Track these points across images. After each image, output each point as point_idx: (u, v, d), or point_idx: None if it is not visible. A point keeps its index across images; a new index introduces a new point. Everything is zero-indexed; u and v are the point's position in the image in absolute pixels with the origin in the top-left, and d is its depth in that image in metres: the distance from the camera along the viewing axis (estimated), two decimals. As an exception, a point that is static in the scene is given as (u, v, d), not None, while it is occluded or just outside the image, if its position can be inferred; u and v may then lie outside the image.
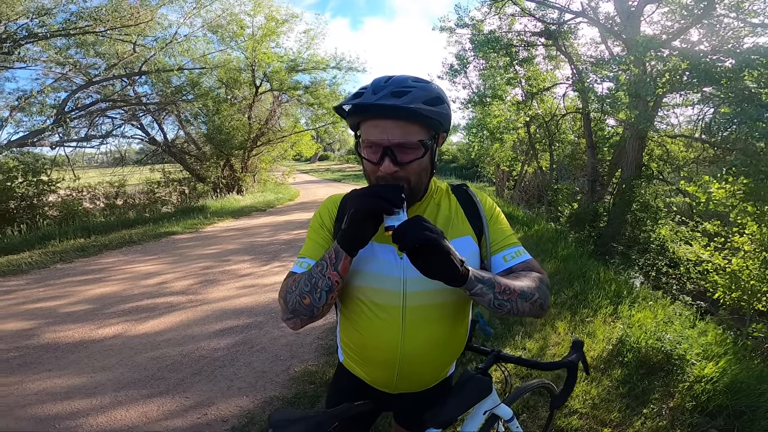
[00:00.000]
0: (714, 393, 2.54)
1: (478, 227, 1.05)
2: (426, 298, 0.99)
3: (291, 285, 0.96)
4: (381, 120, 0.88)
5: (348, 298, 1.03)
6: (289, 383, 2.80)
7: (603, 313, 3.86)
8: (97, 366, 3.03)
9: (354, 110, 0.89)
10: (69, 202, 10.97)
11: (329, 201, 1.11)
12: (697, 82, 5.55)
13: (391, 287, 0.98)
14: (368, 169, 0.94)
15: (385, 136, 0.88)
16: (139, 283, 4.88)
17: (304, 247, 1.06)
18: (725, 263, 6.04)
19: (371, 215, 0.84)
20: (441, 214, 1.04)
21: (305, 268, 0.99)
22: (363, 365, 1.10)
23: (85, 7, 9.04)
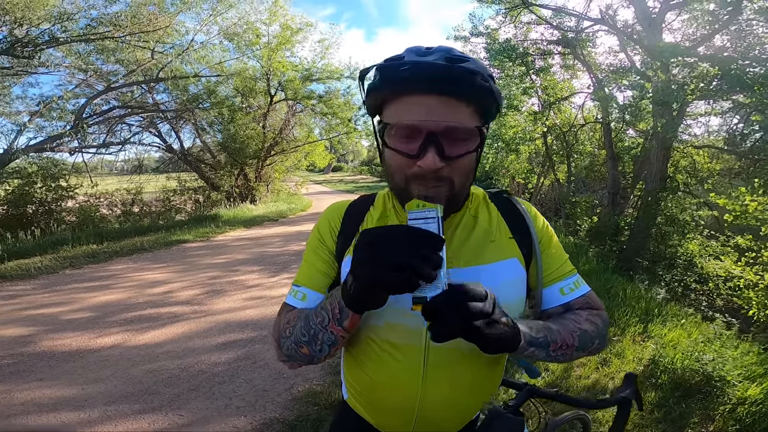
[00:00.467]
0: (760, 416, 2.31)
1: (527, 247, 0.82)
2: (456, 343, 0.73)
3: (285, 327, 0.78)
4: (425, 96, 0.65)
5: (355, 336, 0.81)
6: (291, 404, 2.59)
7: (632, 332, 3.60)
8: (90, 377, 2.89)
9: (397, 78, 0.65)
10: (86, 208, 11.08)
11: (331, 211, 0.88)
12: (727, 89, 5.26)
13: (411, 323, 0.75)
14: (398, 165, 0.69)
15: (435, 116, 0.65)
16: (144, 291, 4.76)
17: (300, 271, 0.85)
18: (758, 279, 5.69)
19: (384, 289, 0.58)
20: (478, 228, 0.80)
21: (300, 299, 0.81)
22: (372, 410, 0.87)
23: (105, 13, 9.20)
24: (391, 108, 0.69)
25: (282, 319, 0.80)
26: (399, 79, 0.65)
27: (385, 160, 0.72)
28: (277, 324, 0.81)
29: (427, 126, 0.65)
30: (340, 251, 0.82)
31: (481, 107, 0.69)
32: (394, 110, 0.68)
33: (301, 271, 0.85)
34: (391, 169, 0.71)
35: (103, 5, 9.18)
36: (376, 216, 0.83)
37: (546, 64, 11.58)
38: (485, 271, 0.76)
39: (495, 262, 0.78)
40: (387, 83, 0.67)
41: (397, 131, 0.68)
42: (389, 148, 0.69)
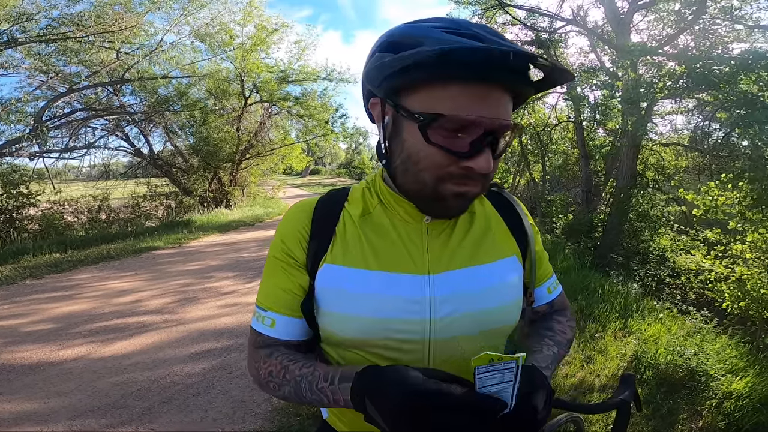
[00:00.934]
0: (747, 410, 2.34)
1: (523, 245, 0.76)
2: (461, 348, 0.67)
3: (266, 379, 0.67)
4: (487, 86, 0.55)
5: (344, 351, 0.69)
6: (271, 415, 2.46)
7: (613, 328, 3.62)
8: (52, 391, 2.69)
9: (466, 61, 0.53)
10: (49, 215, 10.54)
11: (295, 213, 0.73)
12: (694, 87, 5.44)
13: (412, 336, 0.65)
14: (435, 163, 0.58)
15: (494, 112, 0.56)
16: (111, 301, 4.51)
17: (264, 291, 0.71)
18: (728, 272, 5.89)
19: None
20: (476, 225, 0.72)
21: (269, 325, 0.69)
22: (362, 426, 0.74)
23: (68, 13, 8.77)
24: (435, 92, 0.56)
25: (259, 363, 0.69)
26: (471, 63, 0.53)
27: (410, 154, 0.60)
28: (253, 365, 0.70)
29: (489, 124, 0.56)
30: (313, 260, 0.68)
31: (516, 100, 0.61)
32: (440, 98, 0.56)
33: (264, 291, 0.71)
34: (417, 165, 0.60)
35: (66, 5, 8.77)
36: (356, 213, 0.70)
37: (520, 64, 11.80)
38: (485, 270, 0.69)
39: (495, 261, 0.71)
40: (450, 64, 0.53)
41: (448, 124, 0.56)
42: (431, 144, 0.57)
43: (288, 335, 0.70)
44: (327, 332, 0.68)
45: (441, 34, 0.54)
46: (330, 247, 0.68)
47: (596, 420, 2.31)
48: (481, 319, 0.67)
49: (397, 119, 0.61)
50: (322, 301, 0.67)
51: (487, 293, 0.67)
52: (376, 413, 0.52)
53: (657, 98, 5.99)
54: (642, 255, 8.09)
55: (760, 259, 5.47)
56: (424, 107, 0.57)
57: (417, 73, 0.55)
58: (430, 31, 0.55)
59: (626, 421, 1.00)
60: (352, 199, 0.73)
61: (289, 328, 0.69)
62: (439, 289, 0.65)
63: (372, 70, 0.60)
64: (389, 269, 0.66)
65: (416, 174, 0.61)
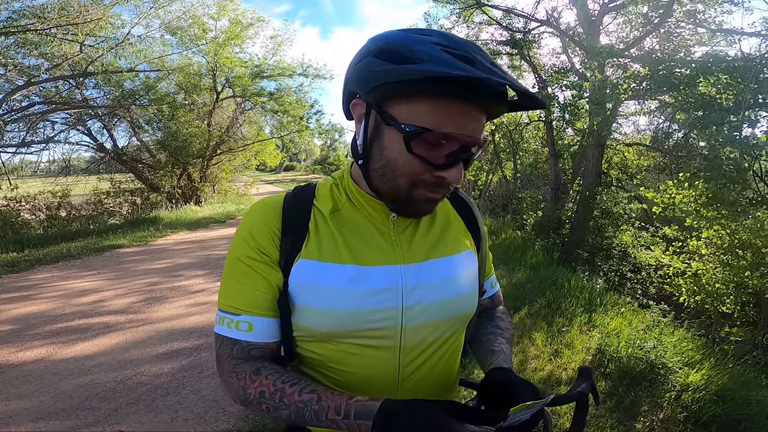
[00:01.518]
0: (704, 402, 2.44)
1: (477, 241, 0.82)
2: (426, 333, 0.71)
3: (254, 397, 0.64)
4: (469, 106, 0.59)
5: (316, 341, 0.70)
6: (245, 414, 2.43)
7: (578, 322, 3.75)
8: (12, 393, 2.59)
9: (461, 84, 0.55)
10: (5, 212, 9.98)
11: (262, 211, 0.72)
12: (655, 89, 5.69)
13: (386, 324, 0.68)
14: (412, 171, 0.62)
15: (473, 130, 0.60)
16: (71, 301, 4.32)
17: (233, 292, 0.69)
18: (685, 267, 6.18)
19: None
20: (437, 222, 0.77)
21: (246, 330, 0.67)
22: None
23: (30, 5, 8.27)
24: (423, 106, 0.58)
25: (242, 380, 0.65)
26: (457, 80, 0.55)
27: (390, 160, 0.63)
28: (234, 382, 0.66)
29: (466, 140, 0.60)
30: (287, 256, 0.68)
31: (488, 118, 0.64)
32: (429, 110, 0.58)
33: (233, 292, 0.68)
34: (395, 170, 0.63)
35: (27, -4, 8.27)
36: (326, 210, 0.71)
37: (495, 63, 12.01)
38: (447, 262, 0.73)
39: (455, 254, 0.75)
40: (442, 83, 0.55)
41: (431, 138, 0.59)
42: (413, 153, 0.60)
43: (268, 337, 0.69)
44: (303, 328, 0.68)
45: (441, 53, 0.55)
46: (304, 244, 0.68)
47: (563, 413, 2.39)
48: (446, 307, 0.71)
49: (380, 125, 0.63)
50: (297, 297, 0.67)
51: (449, 282, 0.72)
52: None
53: (621, 99, 6.24)
54: (606, 251, 8.41)
55: (714, 255, 5.77)
56: (408, 118, 0.59)
57: (412, 87, 0.57)
58: (431, 48, 0.56)
59: (585, 413, 1.04)
60: (320, 195, 0.73)
61: (269, 329, 0.68)
62: (409, 279, 0.69)
63: (364, 73, 0.61)
64: (362, 263, 0.68)
65: (393, 179, 0.64)
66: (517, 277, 5.17)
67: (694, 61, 5.46)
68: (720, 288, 5.06)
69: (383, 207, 0.70)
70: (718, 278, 5.14)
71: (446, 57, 0.55)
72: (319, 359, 0.71)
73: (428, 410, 0.55)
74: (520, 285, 4.86)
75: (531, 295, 4.47)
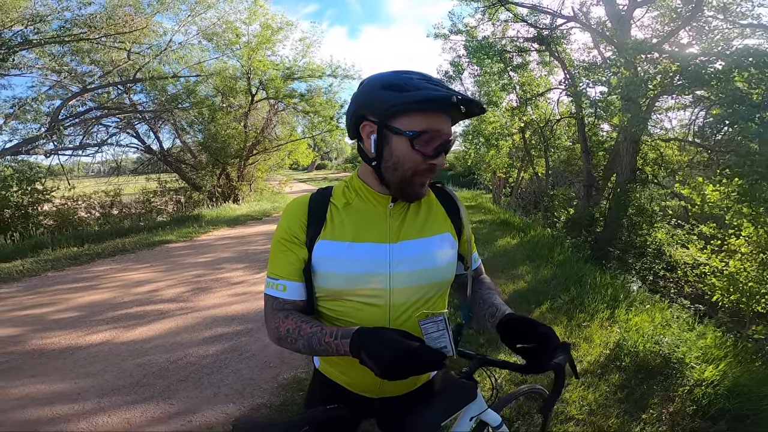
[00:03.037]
0: (715, 397, 2.48)
1: (458, 226, 1.08)
2: (412, 294, 0.97)
3: (284, 335, 0.92)
4: (444, 115, 0.90)
5: (331, 299, 0.98)
6: (277, 390, 2.73)
7: (600, 318, 3.81)
8: (81, 372, 2.97)
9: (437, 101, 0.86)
10: (64, 211, 10.89)
11: (295, 207, 1.01)
12: (687, 85, 5.56)
13: (378, 284, 0.95)
14: (414, 164, 0.90)
15: (447, 130, 0.91)
16: (129, 290, 4.81)
17: (275, 264, 0.98)
18: (722, 266, 5.98)
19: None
20: (422, 210, 1.04)
21: (281, 290, 0.95)
22: (345, 368, 1.05)
23: (79, 15, 9.08)
24: (418, 118, 0.88)
25: (278, 323, 0.93)
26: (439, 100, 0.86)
27: (398, 157, 0.90)
28: (273, 325, 0.95)
29: (446, 136, 0.91)
30: (311, 239, 0.96)
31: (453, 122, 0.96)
32: (423, 120, 0.88)
33: (275, 264, 0.98)
34: (403, 164, 0.91)
35: (77, 6, 9.06)
36: (340, 204, 0.99)
37: (523, 60, 11.86)
38: (428, 241, 1.00)
39: (435, 235, 1.01)
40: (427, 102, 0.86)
41: (427, 137, 0.88)
42: (415, 150, 0.88)
43: (296, 296, 0.96)
44: (320, 288, 0.96)
45: (427, 84, 0.88)
46: (324, 229, 0.96)
47: (572, 401, 2.52)
48: (425, 275, 0.97)
49: (386, 135, 0.90)
50: (316, 266, 0.95)
51: (429, 256, 0.98)
52: (370, 361, 0.78)
53: (649, 95, 6.12)
54: (639, 249, 8.23)
55: (753, 254, 5.57)
56: (409, 127, 0.88)
57: (413, 105, 0.86)
58: (418, 82, 0.89)
59: (562, 382, 1.23)
60: (335, 194, 1.02)
61: (297, 290, 0.96)
62: (396, 254, 0.96)
63: (379, 101, 0.89)
64: (364, 240, 0.95)
65: (402, 171, 0.91)
66: (542, 274, 5.25)
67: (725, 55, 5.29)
68: (753, 287, 4.92)
69: (384, 199, 0.98)
70: (752, 277, 4.99)
71: (429, 86, 0.88)
72: (332, 314, 0.98)
73: (388, 330, 0.81)
74: (545, 281, 4.94)
75: (555, 290, 4.55)
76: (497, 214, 11.02)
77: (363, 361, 0.80)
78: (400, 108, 0.86)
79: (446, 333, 0.85)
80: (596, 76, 8.40)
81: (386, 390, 1.05)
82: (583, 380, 2.81)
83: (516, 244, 7.24)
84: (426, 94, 0.85)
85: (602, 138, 11.01)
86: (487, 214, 11.18)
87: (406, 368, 0.77)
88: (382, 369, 0.77)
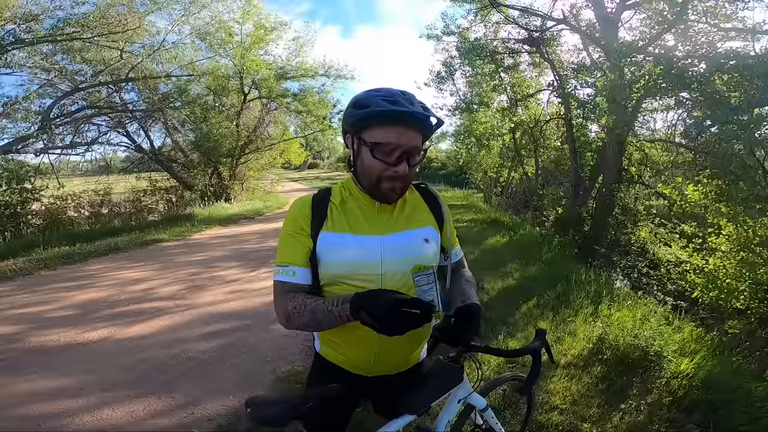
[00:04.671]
0: (690, 388, 2.61)
1: (440, 221, 1.23)
2: (401, 279, 1.10)
3: (293, 312, 1.03)
4: (408, 128, 1.02)
5: (332, 284, 1.10)
6: (275, 383, 2.84)
7: (584, 313, 3.94)
8: (83, 368, 3.04)
9: (392, 115, 0.99)
10: (53, 210, 10.82)
11: (300, 204, 1.17)
12: (670, 87, 5.75)
13: (371, 270, 1.08)
14: (377, 171, 1.04)
15: (408, 141, 1.03)
16: (125, 288, 4.86)
17: (283, 253, 1.12)
18: (703, 263, 6.18)
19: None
20: (407, 207, 1.19)
21: (291, 276, 1.08)
22: (342, 347, 1.17)
23: (72, 14, 9.05)
24: (376, 130, 1.02)
25: (286, 302, 1.05)
26: (394, 114, 1.00)
27: (364, 165, 1.06)
28: (282, 305, 1.06)
29: (404, 147, 1.03)
30: (315, 231, 1.11)
31: (424, 134, 1.07)
32: (380, 132, 1.02)
33: (285, 253, 1.11)
34: (368, 171, 1.05)
35: (71, 6, 9.03)
36: (337, 202, 1.14)
37: (515, 61, 12.04)
38: (413, 233, 1.15)
39: (418, 228, 1.17)
40: (383, 116, 1.00)
41: (384, 147, 1.02)
42: (375, 158, 1.03)
43: (304, 280, 1.09)
44: (324, 275, 1.11)
45: (380, 101, 1.01)
46: (325, 223, 1.11)
47: (556, 392, 2.66)
48: (411, 262, 1.09)
49: (359, 146, 1.06)
50: (321, 254, 1.10)
51: (414, 246, 1.14)
52: (369, 318, 0.90)
53: (633, 97, 6.30)
54: (624, 247, 8.44)
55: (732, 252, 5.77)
56: (371, 138, 1.02)
57: (368, 121, 1.02)
58: (375, 99, 1.02)
59: (539, 366, 1.37)
60: (334, 194, 1.17)
61: (305, 275, 1.09)
62: (385, 244, 1.10)
63: (349, 117, 1.06)
64: (359, 233, 1.10)
65: (369, 177, 1.06)
66: (530, 271, 5.41)
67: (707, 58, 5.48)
68: (731, 284, 5.12)
69: (371, 199, 1.13)
70: (731, 274, 5.19)
71: (382, 102, 1.01)
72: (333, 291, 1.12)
73: (382, 290, 0.95)
74: (533, 278, 5.09)
75: (542, 287, 4.69)
76: (488, 213, 11.20)
77: (363, 320, 0.92)
78: (358, 122, 1.03)
79: (435, 287, 0.99)
80: (584, 78, 8.59)
81: (380, 368, 1.17)
82: (567, 372, 2.94)
83: (506, 242, 7.40)
84: (374, 110, 0.99)
85: (590, 139, 11.22)
86: (477, 213, 11.34)
87: (401, 319, 0.89)
88: (381, 322, 0.89)
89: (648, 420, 2.43)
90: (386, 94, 1.04)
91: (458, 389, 1.31)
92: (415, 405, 1.14)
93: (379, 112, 0.99)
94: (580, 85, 8.89)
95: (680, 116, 9.79)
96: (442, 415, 1.32)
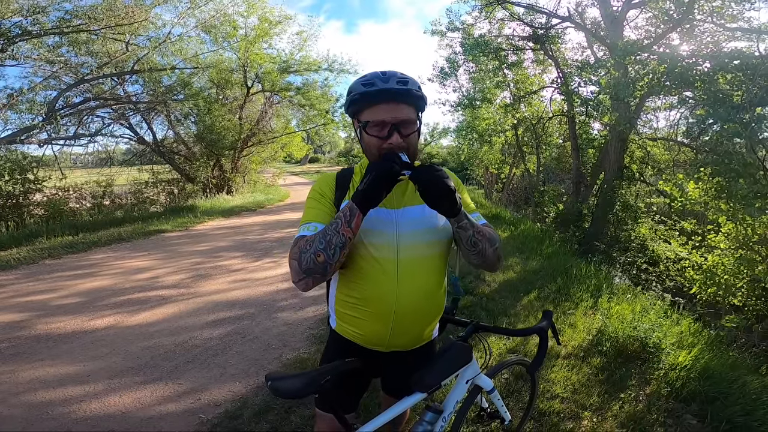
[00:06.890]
0: (688, 380, 2.66)
1: None
2: (415, 251, 1.15)
3: (304, 246, 1.06)
4: (389, 103, 1.10)
5: (349, 258, 1.15)
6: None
7: (584, 306, 4.00)
8: (89, 355, 3.08)
9: (371, 95, 1.09)
10: (55, 201, 10.86)
11: (325, 177, 1.28)
12: (674, 86, 5.77)
13: (387, 241, 1.14)
14: (374, 145, 1.13)
15: (394, 115, 1.10)
16: (130, 277, 4.91)
17: (307, 215, 1.18)
18: (702, 260, 6.24)
19: (388, 177, 1.02)
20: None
21: (313, 231, 1.11)
22: (360, 321, 1.19)
23: (79, 6, 9.05)
24: (367, 112, 1.13)
25: (300, 243, 1.08)
26: (371, 94, 1.10)
27: (365, 142, 1.15)
28: (295, 248, 1.08)
29: (392, 120, 1.10)
30: (338, 200, 1.21)
31: (416, 106, 1.16)
32: (370, 112, 1.12)
33: (309, 214, 1.18)
34: (370, 149, 1.14)
35: (77, -2, 9.01)
36: (358, 179, 1.23)
37: (518, 58, 12.02)
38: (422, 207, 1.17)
39: None
40: (364, 98, 1.11)
41: (373, 125, 1.11)
42: (369, 135, 1.12)
43: None
44: None
45: (359, 86, 1.12)
46: (347, 193, 1.21)
47: (557, 381, 2.71)
48: (425, 233, 1.17)
49: (359, 128, 1.15)
50: None
51: (427, 219, 1.19)
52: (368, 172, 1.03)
53: (636, 95, 6.32)
54: (624, 243, 8.49)
55: (731, 249, 5.82)
56: (364, 119, 1.13)
57: (358, 104, 1.14)
58: (356, 85, 1.14)
59: (546, 345, 1.41)
60: (356, 171, 1.28)
61: None
62: (399, 216, 1.18)
63: (345, 106, 1.20)
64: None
65: (371, 152, 1.15)
66: (531, 265, 5.46)
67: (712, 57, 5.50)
68: (729, 280, 5.17)
69: None
70: (729, 270, 5.24)
71: (360, 86, 1.12)
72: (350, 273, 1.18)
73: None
74: (534, 272, 5.15)
75: (542, 281, 4.75)
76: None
77: (365, 188, 1.02)
78: (350, 107, 1.16)
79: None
80: (588, 76, 8.60)
81: (396, 341, 1.21)
82: (568, 362, 3.00)
83: (506, 237, 7.45)
84: (355, 95, 1.12)
85: (592, 136, 11.25)
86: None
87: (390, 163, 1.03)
88: (377, 170, 1.02)
89: (647, 409, 2.48)
90: (366, 78, 1.13)
91: (466, 369, 1.35)
92: (426, 382, 1.18)
93: (360, 96, 1.10)
94: (583, 82, 8.90)
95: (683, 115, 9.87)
96: (451, 395, 1.37)
